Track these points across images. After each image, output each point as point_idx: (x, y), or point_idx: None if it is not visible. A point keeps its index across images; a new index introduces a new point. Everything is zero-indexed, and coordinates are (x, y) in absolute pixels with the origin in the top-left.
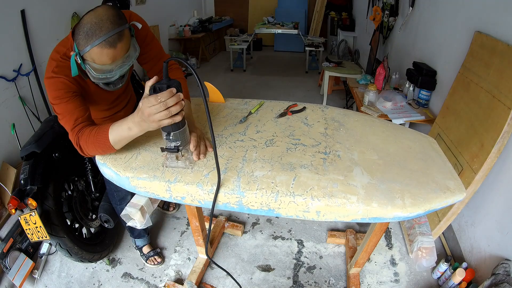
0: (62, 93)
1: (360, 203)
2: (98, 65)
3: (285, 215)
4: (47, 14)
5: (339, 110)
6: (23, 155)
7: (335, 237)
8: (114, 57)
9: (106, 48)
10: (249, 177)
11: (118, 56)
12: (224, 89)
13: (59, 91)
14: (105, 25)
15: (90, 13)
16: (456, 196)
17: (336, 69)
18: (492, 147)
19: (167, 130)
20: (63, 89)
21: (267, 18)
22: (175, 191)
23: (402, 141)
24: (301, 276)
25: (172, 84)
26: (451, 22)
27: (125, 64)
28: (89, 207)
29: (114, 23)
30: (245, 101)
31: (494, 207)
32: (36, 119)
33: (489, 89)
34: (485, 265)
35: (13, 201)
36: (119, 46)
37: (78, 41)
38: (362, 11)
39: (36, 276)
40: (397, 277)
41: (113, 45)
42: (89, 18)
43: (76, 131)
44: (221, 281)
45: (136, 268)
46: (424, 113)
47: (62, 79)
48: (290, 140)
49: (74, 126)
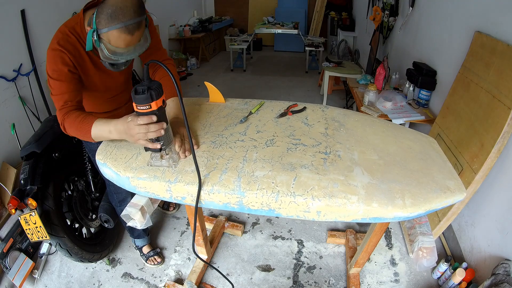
0: (60, 69)
1: (361, 203)
2: (112, 46)
3: (285, 215)
4: (47, 14)
5: (339, 110)
6: (23, 155)
7: (335, 237)
8: (128, 43)
9: (124, 34)
10: (250, 177)
11: (132, 43)
12: (224, 89)
13: (58, 65)
14: (129, 11)
15: None
16: (456, 196)
17: (336, 69)
18: (492, 147)
19: None
20: (62, 64)
21: (267, 18)
22: (176, 191)
23: (402, 141)
24: (301, 276)
25: (152, 86)
26: (451, 22)
27: (136, 51)
28: (89, 207)
29: (136, 12)
30: (245, 101)
31: (494, 207)
32: (36, 119)
33: (489, 89)
34: (485, 265)
35: (13, 201)
36: (136, 34)
37: (100, 20)
38: (362, 11)
39: (36, 276)
40: (397, 277)
41: (131, 32)
42: (115, 1)
43: (64, 112)
44: (221, 281)
45: (136, 268)
46: (424, 113)
47: (64, 55)
48: (290, 140)
49: (63, 107)
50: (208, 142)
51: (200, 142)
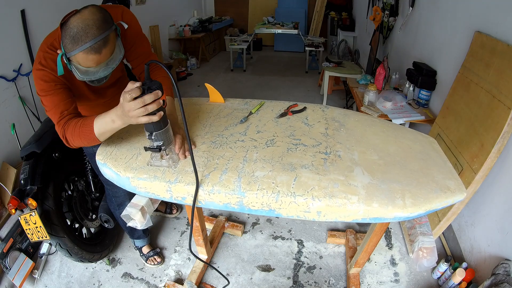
0: (48, 86)
1: (361, 203)
2: (83, 67)
3: (285, 216)
4: (47, 14)
5: (340, 110)
6: (23, 155)
7: (335, 237)
8: (98, 61)
9: (91, 54)
10: (250, 177)
11: (102, 60)
12: (224, 89)
13: (45, 84)
14: (91, 30)
15: (77, 15)
16: (456, 196)
17: (336, 69)
18: (492, 147)
19: (149, 129)
20: (49, 82)
21: (267, 18)
22: (176, 191)
23: (402, 141)
24: (301, 276)
25: (152, 86)
26: (451, 22)
27: (109, 66)
28: (89, 207)
29: (100, 29)
30: (245, 101)
31: (494, 207)
32: (36, 119)
33: (489, 89)
34: (485, 265)
35: (13, 201)
36: (103, 52)
37: (65, 44)
38: (362, 11)
39: (36, 276)
40: (397, 277)
41: (98, 51)
42: (76, 22)
43: (62, 124)
44: (221, 281)
45: (136, 268)
46: (424, 113)
47: (48, 72)
48: (290, 140)
49: (60, 119)
50: (208, 142)
51: (200, 142)
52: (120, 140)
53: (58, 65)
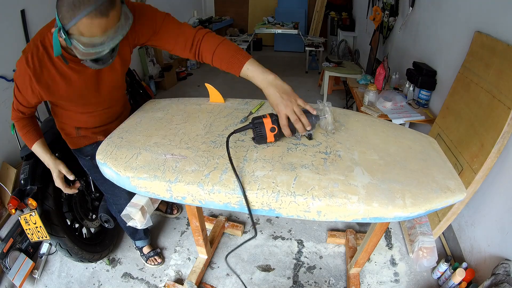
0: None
1: (361, 203)
2: (87, 38)
3: (286, 215)
4: (47, 14)
5: (340, 110)
6: (23, 155)
7: (335, 237)
8: (106, 27)
9: (97, 18)
10: (250, 177)
11: (110, 26)
12: (224, 89)
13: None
14: None
15: None
16: (456, 196)
17: (336, 69)
18: (492, 147)
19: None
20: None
21: (267, 18)
22: (176, 191)
23: (402, 141)
24: (301, 276)
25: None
26: (451, 22)
27: (117, 34)
28: (89, 207)
29: None
30: (245, 101)
31: (494, 207)
32: (36, 119)
33: (489, 89)
34: (485, 265)
35: (13, 201)
36: (111, 15)
37: (63, 14)
38: (362, 11)
39: (36, 276)
40: (397, 277)
41: (105, 14)
42: None
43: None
44: (221, 281)
45: (136, 268)
46: (424, 113)
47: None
48: (290, 140)
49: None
50: (209, 142)
51: (201, 142)
52: (120, 140)
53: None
